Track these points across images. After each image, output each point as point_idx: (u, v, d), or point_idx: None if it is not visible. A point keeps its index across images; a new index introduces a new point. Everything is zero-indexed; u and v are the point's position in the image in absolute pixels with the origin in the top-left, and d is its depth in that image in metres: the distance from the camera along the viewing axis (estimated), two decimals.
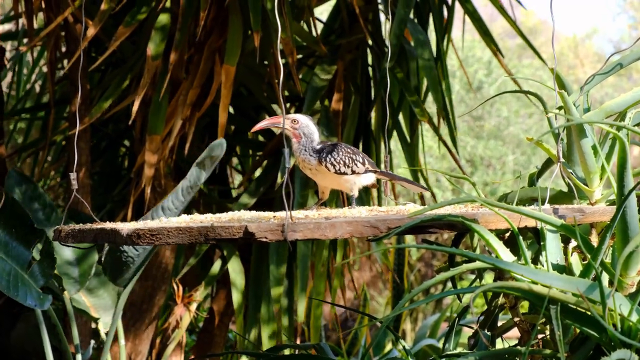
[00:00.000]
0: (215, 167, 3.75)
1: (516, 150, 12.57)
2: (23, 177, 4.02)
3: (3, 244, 3.48)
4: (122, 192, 5.26)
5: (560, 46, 20.89)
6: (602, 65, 2.52)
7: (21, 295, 3.40)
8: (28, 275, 3.48)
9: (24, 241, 3.54)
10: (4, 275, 3.38)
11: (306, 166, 2.58)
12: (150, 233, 2.04)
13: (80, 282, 3.90)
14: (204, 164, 3.65)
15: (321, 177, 2.60)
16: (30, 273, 3.50)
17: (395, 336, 2.86)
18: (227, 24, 4.32)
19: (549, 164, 2.74)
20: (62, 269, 3.89)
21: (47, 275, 3.57)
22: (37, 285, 3.50)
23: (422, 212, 2.08)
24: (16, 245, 3.51)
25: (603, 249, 2.03)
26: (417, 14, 4.97)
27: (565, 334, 2.15)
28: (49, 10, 4.46)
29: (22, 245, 3.53)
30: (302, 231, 1.98)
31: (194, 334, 6.39)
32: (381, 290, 10.58)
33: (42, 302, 3.49)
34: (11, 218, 3.55)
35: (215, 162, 3.67)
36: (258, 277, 4.82)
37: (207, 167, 3.65)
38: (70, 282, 3.89)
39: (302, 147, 2.57)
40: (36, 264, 3.53)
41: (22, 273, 3.47)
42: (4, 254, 3.45)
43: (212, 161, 3.64)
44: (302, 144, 2.57)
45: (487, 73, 12.87)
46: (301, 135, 2.57)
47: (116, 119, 5.35)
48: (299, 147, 2.57)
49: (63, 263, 3.90)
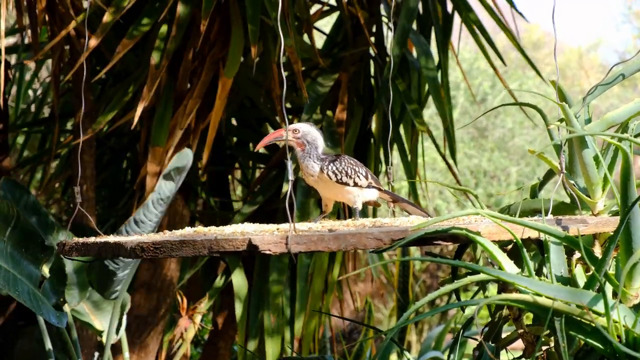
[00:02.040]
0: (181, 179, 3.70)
1: (520, 162, 12.56)
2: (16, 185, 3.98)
3: (17, 263, 3.46)
4: (125, 205, 5.27)
5: (565, 58, 20.89)
6: (606, 76, 2.52)
7: (45, 313, 3.39)
8: (41, 293, 3.48)
9: (34, 259, 3.53)
10: (26, 295, 3.37)
11: (309, 173, 2.59)
12: (154, 246, 2.04)
13: (80, 293, 3.89)
14: (171, 176, 3.63)
15: (323, 185, 2.61)
16: (42, 291, 3.49)
17: (400, 348, 2.85)
18: (230, 35, 4.34)
19: (551, 175, 2.74)
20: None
21: (58, 293, 3.57)
22: (50, 303, 3.50)
23: (426, 225, 2.08)
24: (27, 264, 3.50)
25: (607, 260, 2.03)
26: (420, 26, 4.98)
27: (570, 345, 2.14)
28: (53, 23, 4.48)
29: (32, 264, 3.52)
30: (305, 243, 1.98)
31: (199, 346, 6.39)
32: (386, 302, 10.56)
33: (61, 319, 3.49)
34: (22, 236, 3.53)
35: (182, 172, 3.64)
36: (260, 289, 4.81)
37: (175, 179, 3.63)
38: (70, 293, 3.89)
39: (306, 154, 2.58)
40: (47, 282, 3.52)
41: (36, 291, 3.46)
42: (18, 273, 3.43)
43: (179, 172, 3.62)
44: (307, 151, 2.58)
45: (491, 85, 12.88)
46: (304, 143, 2.58)
47: (119, 132, 5.37)
48: (303, 154, 2.58)
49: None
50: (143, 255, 2.05)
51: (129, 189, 5.34)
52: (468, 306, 2.53)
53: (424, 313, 2.13)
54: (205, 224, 5.08)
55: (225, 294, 5.07)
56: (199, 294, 5.09)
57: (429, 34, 5.01)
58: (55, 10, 4.38)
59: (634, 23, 23.91)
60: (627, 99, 16.31)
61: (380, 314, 10.32)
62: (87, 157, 4.55)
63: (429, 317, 9.35)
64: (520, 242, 2.13)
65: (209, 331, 5.23)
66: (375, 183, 2.67)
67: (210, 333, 5.19)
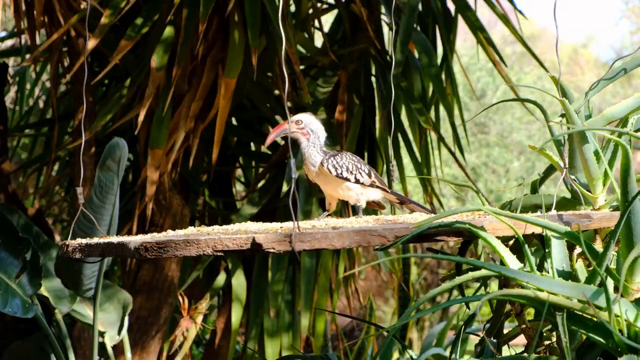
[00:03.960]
0: (121, 168, 3.63)
1: (520, 157, 12.57)
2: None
3: None
4: (126, 206, 5.26)
5: (561, 53, 20.84)
6: (603, 71, 2.53)
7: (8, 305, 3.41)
8: (16, 285, 3.49)
9: (13, 250, 3.55)
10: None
11: (310, 162, 2.60)
12: (158, 246, 2.04)
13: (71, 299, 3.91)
14: (106, 166, 3.56)
15: (323, 180, 2.61)
16: (18, 283, 3.51)
17: (402, 345, 2.86)
18: (227, 36, 4.34)
19: (551, 170, 2.74)
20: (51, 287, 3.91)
21: (35, 285, 3.58)
22: (26, 295, 3.51)
23: (429, 221, 2.09)
24: (5, 256, 3.53)
25: (608, 255, 2.03)
26: (420, 23, 4.98)
27: (572, 340, 2.15)
28: (51, 25, 4.48)
29: (11, 256, 3.54)
30: (309, 241, 1.98)
31: (201, 346, 6.39)
32: (387, 299, 10.57)
33: (27, 310, 3.50)
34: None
35: (120, 161, 3.55)
36: (260, 289, 4.81)
37: (112, 169, 3.55)
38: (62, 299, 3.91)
39: (310, 144, 2.61)
40: (25, 274, 3.55)
41: (9, 282, 3.48)
42: None
43: (115, 161, 3.54)
44: (311, 141, 2.61)
45: (490, 80, 12.88)
46: (309, 132, 2.61)
47: (120, 133, 5.36)
48: (307, 144, 2.61)
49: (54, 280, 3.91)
50: (147, 255, 2.05)
51: (130, 190, 5.34)
52: (470, 302, 2.54)
53: (426, 310, 2.13)
54: (207, 223, 5.08)
55: (226, 294, 5.08)
56: (200, 294, 5.09)
57: (429, 31, 5.01)
58: (53, 12, 4.38)
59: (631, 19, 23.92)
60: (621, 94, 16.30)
61: (381, 312, 10.33)
62: (87, 159, 4.55)
63: (430, 315, 9.36)
64: (522, 238, 2.14)
65: (210, 331, 5.23)
66: (380, 184, 2.67)
67: (212, 333, 5.19)
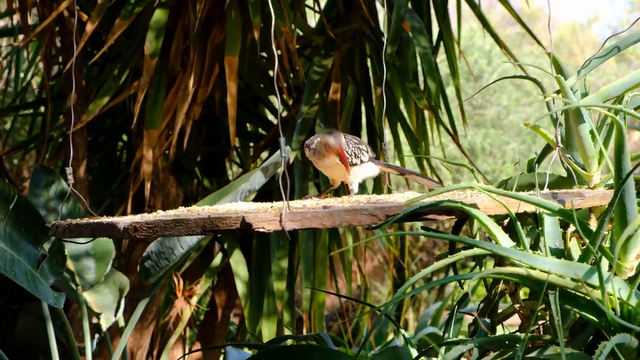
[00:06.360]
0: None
1: (516, 139, 12.55)
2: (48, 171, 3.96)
3: (15, 244, 3.44)
4: (120, 187, 5.25)
5: (559, 33, 20.83)
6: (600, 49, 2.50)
7: (42, 295, 3.38)
8: (39, 274, 3.46)
9: (34, 240, 3.51)
10: (23, 276, 3.35)
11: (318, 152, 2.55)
12: (147, 226, 2.03)
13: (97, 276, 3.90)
14: (267, 169, 3.57)
15: (328, 165, 2.57)
16: (40, 271, 3.48)
17: (395, 325, 2.85)
18: (224, 16, 4.31)
19: (548, 150, 2.72)
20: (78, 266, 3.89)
21: (57, 273, 3.55)
22: (48, 284, 3.49)
23: (420, 199, 2.07)
24: (26, 245, 3.48)
25: (601, 233, 2.02)
26: (413, 3, 4.95)
27: (565, 319, 2.14)
28: (43, 5, 4.44)
29: (31, 245, 3.50)
30: (299, 220, 1.96)
31: (195, 327, 6.39)
32: (383, 280, 10.58)
33: (58, 300, 3.49)
34: (22, 217, 3.51)
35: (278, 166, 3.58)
36: (259, 269, 4.81)
37: (269, 173, 3.59)
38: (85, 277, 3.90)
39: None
40: (45, 262, 3.51)
41: (34, 272, 3.44)
42: (16, 253, 3.41)
43: (275, 167, 3.58)
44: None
45: (487, 62, 12.84)
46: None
47: (113, 114, 5.34)
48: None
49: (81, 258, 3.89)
50: (136, 235, 2.03)
51: (124, 170, 5.32)
52: (464, 281, 2.53)
53: (419, 287, 2.12)
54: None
55: (221, 275, 5.07)
56: (196, 274, 5.08)
57: (423, 11, 4.97)
58: None
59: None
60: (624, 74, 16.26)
61: (377, 292, 10.34)
62: (80, 139, 4.53)
63: (426, 295, 9.37)
64: (514, 215, 2.12)
65: (205, 312, 5.23)
66: (374, 158, 2.65)
67: (206, 314, 5.19)
